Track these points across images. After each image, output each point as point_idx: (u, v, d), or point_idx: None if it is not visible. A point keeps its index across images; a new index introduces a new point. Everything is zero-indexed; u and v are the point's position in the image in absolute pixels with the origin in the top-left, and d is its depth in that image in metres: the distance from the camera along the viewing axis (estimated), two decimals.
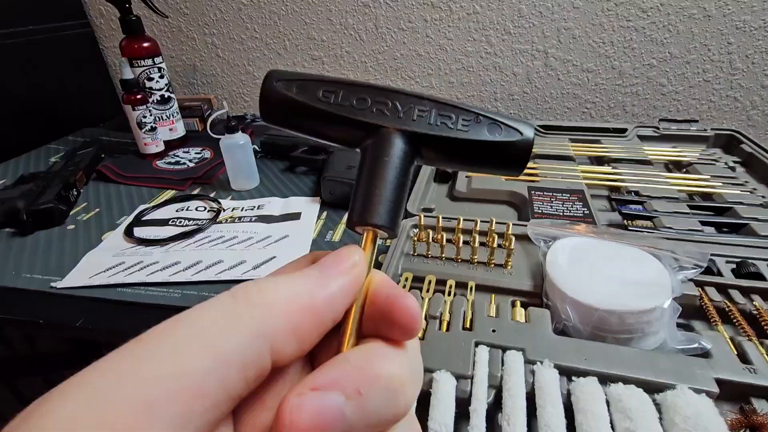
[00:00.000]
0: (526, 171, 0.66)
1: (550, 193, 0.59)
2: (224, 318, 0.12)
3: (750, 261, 0.43)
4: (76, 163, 0.73)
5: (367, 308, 0.15)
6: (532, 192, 0.59)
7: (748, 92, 0.85)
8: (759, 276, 0.41)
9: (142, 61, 0.77)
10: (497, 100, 0.96)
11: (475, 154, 0.18)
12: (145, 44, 0.77)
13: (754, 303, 0.39)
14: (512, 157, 0.18)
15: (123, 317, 0.45)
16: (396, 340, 0.15)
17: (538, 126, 0.81)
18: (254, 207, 0.64)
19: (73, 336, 0.46)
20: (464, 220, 0.49)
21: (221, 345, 0.11)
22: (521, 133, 0.18)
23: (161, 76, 0.80)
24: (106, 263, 0.52)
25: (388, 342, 0.15)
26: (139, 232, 0.58)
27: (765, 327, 0.36)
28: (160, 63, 0.80)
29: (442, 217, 0.50)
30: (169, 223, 0.60)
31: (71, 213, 0.64)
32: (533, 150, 0.72)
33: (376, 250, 0.17)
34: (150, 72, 0.79)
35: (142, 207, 0.64)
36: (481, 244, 0.47)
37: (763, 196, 0.57)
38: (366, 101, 0.18)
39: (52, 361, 0.81)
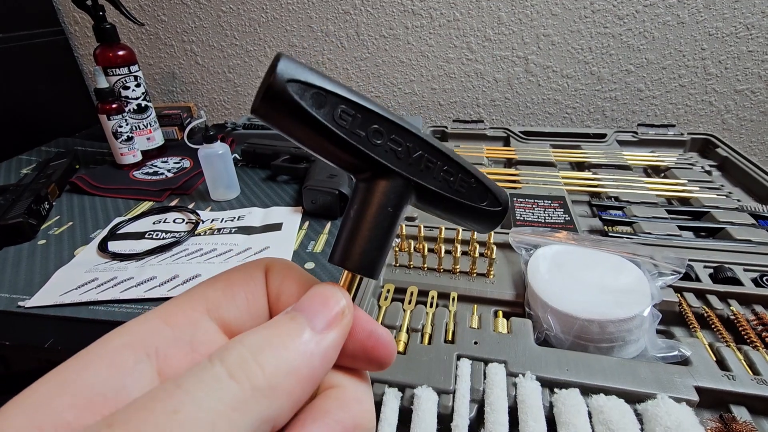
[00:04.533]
0: (508, 178, 0.66)
1: (532, 200, 0.59)
2: (228, 409, 0.11)
3: (726, 266, 0.43)
4: (49, 175, 0.71)
5: (347, 344, 0.15)
6: (514, 199, 0.59)
7: (722, 97, 0.87)
8: (735, 281, 0.42)
9: (118, 69, 0.75)
10: (479, 106, 0.97)
11: (462, 214, 0.18)
12: (120, 52, 0.75)
13: (731, 308, 0.39)
14: (491, 222, 0.19)
15: (94, 336, 0.43)
16: (360, 370, 0.15)
17: (520, 132, 0.81)
18: (234, 218, 0.63)
19: (44, 357, 0.44)
20: (446, 229, 0.49)
21: None
22: (500, 203, 0.19)
23: (138, 85, 0.78)
24: (77, 280, 0.50)
25: (358, 379, 0.15)
26: (114, 246, 0.56)
27: (742, 332, 0.36)
28: (137, 71, 0.78)
29: (424, 227, 0.50)
30: (146, 236, 0.59)
31: (42, 227, 0.62)
32: (516, 157, 0.72)
33: (356, 287, 0.16)
34: (126, 81, 0.77)
35: (117, 220, 0.63)
36: (463, 253, 0.47)
37: (738, 200, 0.58)
38: (381, 135, 0.16)
39: (30, 380, 0.78)
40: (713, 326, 0.37)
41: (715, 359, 0.34)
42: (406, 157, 0.16)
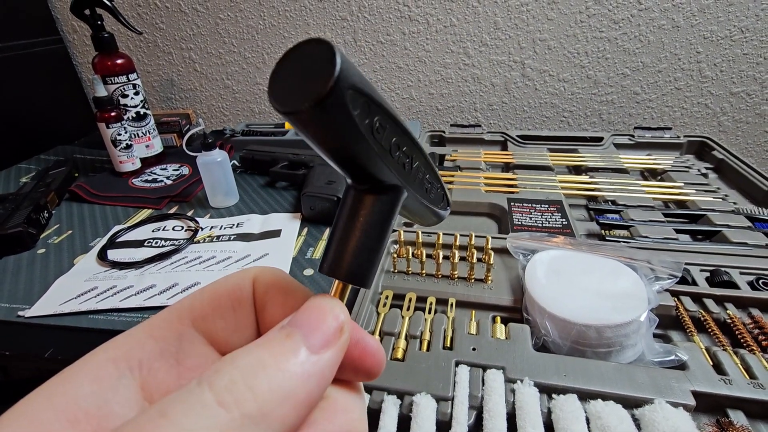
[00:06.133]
0: (505, 182, 0.66)
1: (530, 204, 0.59)
2: None
3: (723, 269, 0.43)
4: (48, 184, 0.71)
5: None
6: (512, 203, 0.60)
7: (718, 99, 0.88)
8: (732, 284, 0.42)
9: (116, 78, 0.76)
10: (477, 111, 0.97)
11: (426, 215, 0.20)
12: (119, 61, 0.76)
13: (727, 312, 0.39)
14: (438, 220, 0.21)
15: (94, 346, 0.44)
16: (351, 380, 0.15)
17: (517, 136, 0.82)
18: (233, 225, 0.63)
19: (44, 367, 0.44)
20: (444, 234, 0.49)
21: None
22: (449, 205, 0.21)
23: (136, 93, 0.79)
24: (77, 289, 0.50)
25: (346, 389, 0.14)
26: (113, 254, 0.56)
27: (739, 336, 0.37)
28: (135, 80, 0.78)
29: (422, 232, 0.50)
30: (145, 244, 0.59)
31: (42, 236, 0.62)
32: (513, 161, 0.73)
33: (347, 297, 0.16)
34: (124, 89, 0.77)
35: (116, 228, 0.63)
36: (461, 258, 0.47)
37: (734, 203, 0.58)
38: (398, 148, 0.15)
39: (29, 388, 0.78)
40: (710, 330, 0.38)
41: (711, 363, 0.34)
42: (409, 169, 0.16)
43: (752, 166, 0.64)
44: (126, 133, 0.75)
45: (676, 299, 0.40)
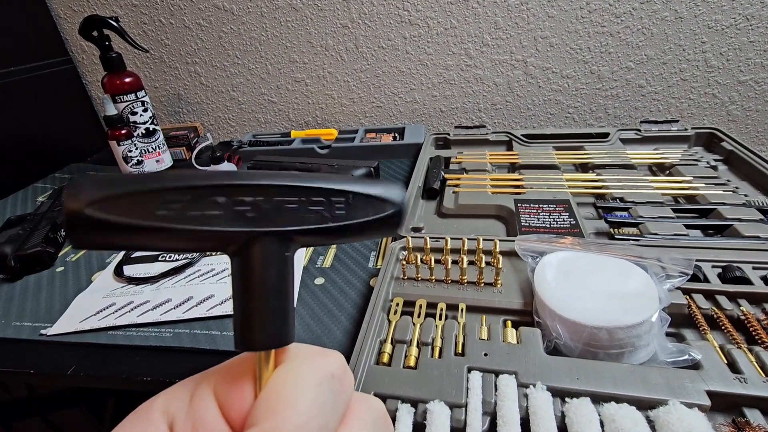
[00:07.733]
0: (512, 183, 0.66)
1: (537, 205, 0.59)
2: None
3: (735, 265, 0.43)
4: (63, 203, 0.73)
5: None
6: (519, 205, 0.60)
7: (726, 88, 0.86)
8: (745, 280, 0.42)
9: (125, 96, 0.78)
10: (481, 111, 0.97)
11: (354, 233, 0.17)
12: (127, 79, 0.77)
13: (741, 308, 0.39)
14: (388, 227, 0.17)
15: (114, 361, 0.45)
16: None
17: (522, 135, 0.81)
18: None
19: (67, 384, 0.46)
20: (452, 239, 0.49)
21: None
22: (393, 203, 0.17)
23: (145, 110, 0.80)
24: (95, 306, 0.51)
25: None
26: (129, 270, 0.58)
27: (753, 333, 0.36)
28: (143, 97, 0.80)
29: (430, 237, 0.50)
30: (159, 258, 0.60)
31: (60, 254, 0.63)
32: (519, 161, 0.72)
33: (273, 363, 0.15)
34: (133, 106, 0.79)
35: None
36: (470, 263, 0.47)
37: (745, 195, 0.57)
38: (219, 205, 0.14)
39: (51, 402, 0.80)
40: (723, 328, 0.37)
41: (726, 362, 0.34)
42: (258, 212, 0.15)
43: (763, 156, 0.63)
44: (137, 149, 0.77)
45: (688, 297, 0.40)
